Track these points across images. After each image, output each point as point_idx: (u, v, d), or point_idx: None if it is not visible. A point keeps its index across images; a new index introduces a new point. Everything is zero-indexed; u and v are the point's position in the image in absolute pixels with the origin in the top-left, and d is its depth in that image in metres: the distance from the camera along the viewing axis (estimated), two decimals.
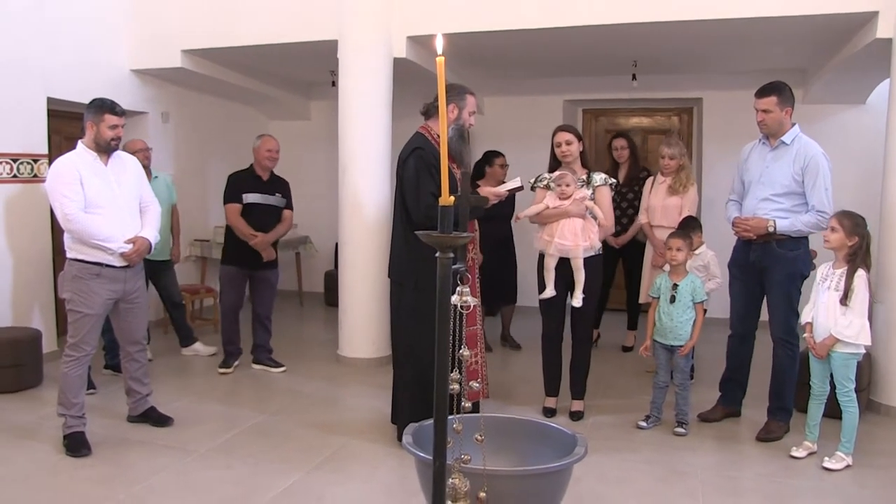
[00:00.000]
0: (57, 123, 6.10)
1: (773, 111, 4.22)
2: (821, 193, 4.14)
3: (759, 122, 4.29)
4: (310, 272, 8.94)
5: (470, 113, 4.10)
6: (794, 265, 4.26)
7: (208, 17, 6.33)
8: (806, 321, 4.03)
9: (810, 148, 4.21)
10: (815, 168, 4.14)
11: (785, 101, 4.23)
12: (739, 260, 4.48)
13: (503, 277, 6.33)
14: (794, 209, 4.22)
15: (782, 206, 4.24)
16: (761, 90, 4.28)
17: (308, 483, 3.68)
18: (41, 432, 4.29)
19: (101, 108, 4.02)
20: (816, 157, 4.17)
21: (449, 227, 1.75)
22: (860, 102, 7.19)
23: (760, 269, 4.35)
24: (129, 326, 4.28)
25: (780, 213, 4.23)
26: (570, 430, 2.80)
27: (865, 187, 6.22)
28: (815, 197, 4.14)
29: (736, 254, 4.54)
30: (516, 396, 5.12)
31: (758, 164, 4.39)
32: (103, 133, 4.01)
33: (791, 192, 4.22)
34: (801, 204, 4.21)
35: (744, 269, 4.45)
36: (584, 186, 4.49)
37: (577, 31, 5.52)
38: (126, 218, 4.11)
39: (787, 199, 4.23)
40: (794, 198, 4.22)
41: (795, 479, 3.82)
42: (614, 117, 8.59)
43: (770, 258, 4.29)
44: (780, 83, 4.28)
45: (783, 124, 4.27)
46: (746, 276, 4.44)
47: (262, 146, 5.62)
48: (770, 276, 4.31)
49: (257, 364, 5.82)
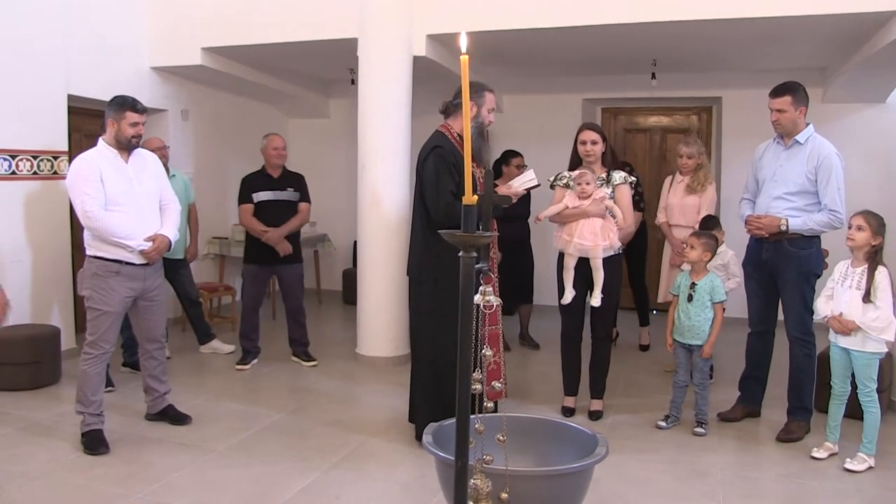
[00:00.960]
0: (77, 120, 6.13)
1: (788, 111, 4.22)
2: (833, 193, 4.14)
3: (774, 121, 4.30)
4: (328, 270, 8.96)
5: (489, 110, 4.08)
6: (807, 264, 4.26)
7: (228, 15, 6.35)
8: (824, 315, 3.99)
9: (824, 147, 4.21)
10: (829, 167, 4.15)
11: (799, 101, 4.23)
12: (753, 258, 4.48)
13: (520, 277, 6.31)
14: (807, 208, 4.21)
15: (795, 204, 4.23)
16: (775, 90, 4.28)
17: (326, 482, 3.68)
18: (59, 430, 4.31)
19: (123, 105, 4.03)
20: (830, 156, 4.17)
21: (472, 227, 1.73)
22: (880, 101, 7.12)
23: (773, 268, 4.35)
24: (148, 324, 4.29)
25: (793, 211, 4.22)
26: (590, 431, 2.79)
27: (886, 186, 6.16)
28: (828, 196, 4.14)
29: (749, 252, 4.54)
30: (535, 395, 5.11)
31: (772, 162, 4.39)
32: (124, 130, 4.02)
33: (804, 190, 4.22)
34: (814, 203, 4.21)
35: (757, 267, 4.44)
36: (603, 185, 4.47)
37: (597, 29, 5.49)
38: (146, 215, 4.12)
39: (799, 197, 4.22)
40: (807, 197, 4.22)
41: (816, 480, 3.78)
42: (633, 116, 8.55)
43: (782, 257, 4.28)
44: (794, 83, 4.28)
45: (797, 124, 4.27)
46: (760, 275, 4.44)
47: (268, 145, 5.73)
48: (783, 275, 4.31)
49: (294, 357, 5.95)
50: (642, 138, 8.51)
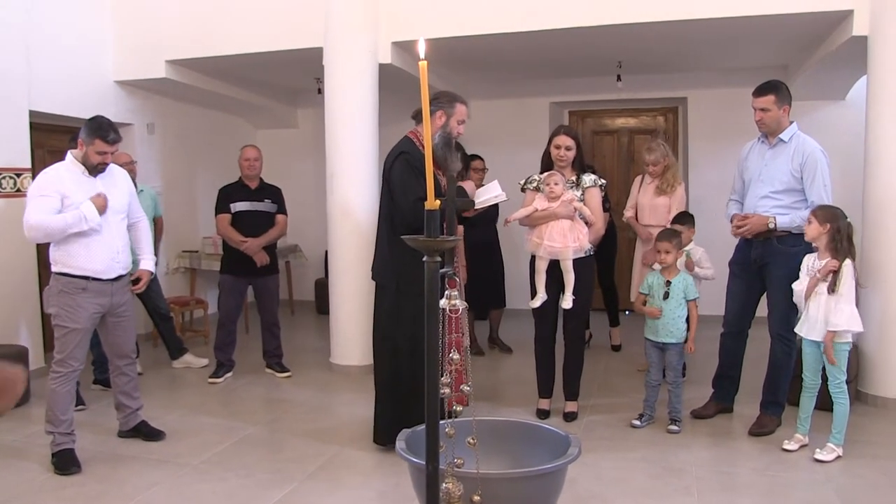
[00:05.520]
0: (41, 137, 6.04)
1: (772, 109, 4.27)
2: (819, 189, 4.18)
3: (758, 120, 4.33)
4: (300, 280, 8.92)
5: (459, 122, 4.08)
6: (796, 261, 4.27)
7: (192, 27, 6.31)
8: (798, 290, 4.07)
9: (808, 144, 4.26)
10: (814, 164, 4.19)
11: (782, 100, 4.28)
12: (741, 258, 4.51)
13: (490, 281, 6.33)
14: (794, 206, 4.26)
15: (782, 202, 4.27)
16: (759, 89, 4.31)
17: (302, 492, 3.66)
18: (29, 451, 4.23)
19: (96, 131, 3.94)
20: (815, 153, 4.22)
21: (435, 231, 1.74)
22: (840, 98, 7.26)
23: (762, 266, 4.38)
24: (118, 340, 4.24)
25: (780, 209, 4.26)
26: (563, 431, 2.80)
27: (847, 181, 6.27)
28: (815, 192, 4.19)
29: (738, 252, 4.57)
30: (509, 398, 5.12)
31: (757, 162, 4.43)
32: (90, 156, 3.97)
33: (790, 188, 4.26)
34: (801, 200, 4.25)
35: (745, 266, 4.47)
36: (573, 188, 4.49)
37: (562, 33, 5.54)
38: (113, 231, 4.07)
39: (786, 195, 4.27)
40: (794, 194, 4.26)
41: (788, 471, 3.84)
42: (600, 118, 8.62)
43: (771, 255, 4.32)
44: (778, 82, 4.33)
45: (781, 122, 4.32)
46: (747, 274, 4.47)
47: (241, 156, 5.80)
48: (771, 272, 4.34)
49: (268, 368, 5.94)
50: (610, 140, 8.59)
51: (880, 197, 4.85)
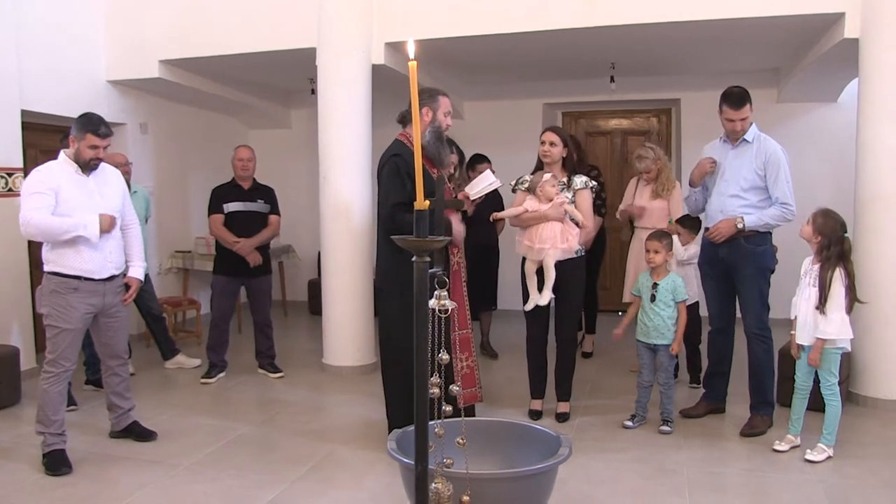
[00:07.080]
0: (33, 136, 6.03)
1: (748, 117, 4.37)
2: (783, 186, 4.29)
3: (737, 130, 4.37)
4: (293, 281, 8.91)
5: (445, 114, 4.11)
6: (762, 260, 4.38)
7: (186, 27, 6.31)
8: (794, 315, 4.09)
9: (769, 143, 4.37)
10: (777, 162, 4.30)
11: (751, 105, 4.37)
12: (709, 258, 4.56)
13: (484, 282, 6.31)
14: (760, 204, 4.34)
15: (748, 202, 4.35)
16: (736, 102, 4.32)
17: (294, 493, 3.65)
18: (19, 451, 4.22)
19: (86, 125, 3.94)
20: (776, 151, 4.33)
21: (424, 231, 1.75)
22: (832, 100, 7.29)
23: (729, 266, 4.43)
24: (110, 340, 4.23)
25: (748, 208, 4.34)
26: (554, 432, 2.81)
27: (838, 183, 6.30)
28: (779, 189, 4.29)
29: (704, 251, 4.63)
30: (502, 399, 5.12)
31: (720, 161, 4.49)
32: (83, 152, 3.96)
33: (755, 186, 4.35)
34: (766, 199, 4.35)
35: (713, 265, 4.53)
36: (564, 190, 4.50)
37: (555, 34, 5.55)
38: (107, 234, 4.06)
39: (752, 194, 4.35)
40: (759, 192, 4.35)
41: (779, 472, 3.85)
42: (594, 119, 8.64)
43: (738, 254, 4.37)
44: (745, 90, 4.37)
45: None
46: (717, 273, 4.53)
47: (234, 156, 5.79)
48: (739, 272, 4.40)
49: (261, 369, 5.93)
50: (603, 141, 8.61)
51: (871, 198, 4.87)
